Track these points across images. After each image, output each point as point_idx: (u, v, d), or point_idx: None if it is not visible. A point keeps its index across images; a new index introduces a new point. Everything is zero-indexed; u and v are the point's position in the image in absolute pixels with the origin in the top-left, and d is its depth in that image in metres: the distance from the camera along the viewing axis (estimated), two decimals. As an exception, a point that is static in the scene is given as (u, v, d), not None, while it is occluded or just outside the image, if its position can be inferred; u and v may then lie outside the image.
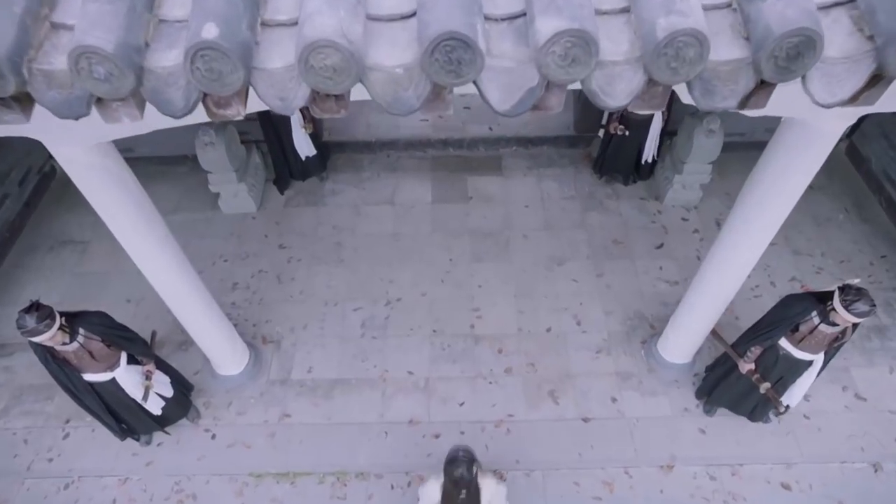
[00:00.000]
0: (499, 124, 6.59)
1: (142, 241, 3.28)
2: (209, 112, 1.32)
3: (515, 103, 1.26)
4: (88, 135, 2.57)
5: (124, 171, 3.00)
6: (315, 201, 6.00)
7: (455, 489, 2.96)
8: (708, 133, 5.05)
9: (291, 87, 1.23)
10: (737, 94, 1.25)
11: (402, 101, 1.26)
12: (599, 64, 1.18)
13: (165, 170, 6.22)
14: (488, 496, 3.12)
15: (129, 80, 1.16)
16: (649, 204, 5.87)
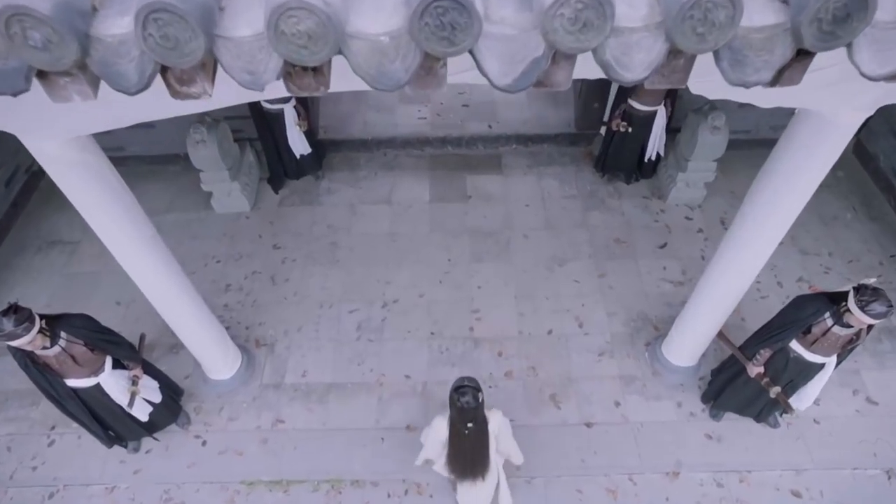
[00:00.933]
0: (498, 122, 6.48)
1: (127, 241, 3.14)
2: (171, 90, 1.18)
3: (518, 77, 1.12)
4: (64, 127, 2.44)
5: (105, 168, 2.86)
6: (310, 200, 5.86)
7: (461, 420, 2.93)
8: (713, 130, 4.92)
9: (261, 58, 1.08)
10: (771, 65, 1.11)
11: (388, 74, 1.12)
12: (615, 31, 1.04)
13: (157, 169, 6.08)
14: (495, 428, 3.12)
15: (72, 49, 1.01)
16: (652, 203, 5.74)
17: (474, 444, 3.11)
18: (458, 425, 2.99)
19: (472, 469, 3.25)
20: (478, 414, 2.95)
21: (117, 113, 2.47)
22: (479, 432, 3.04)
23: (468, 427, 2.97)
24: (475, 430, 3.01)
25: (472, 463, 3.22)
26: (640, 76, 1.10)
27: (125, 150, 5.97)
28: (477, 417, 2.96)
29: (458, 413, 2.92)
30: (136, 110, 2.51)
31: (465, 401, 2.86)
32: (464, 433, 3.00)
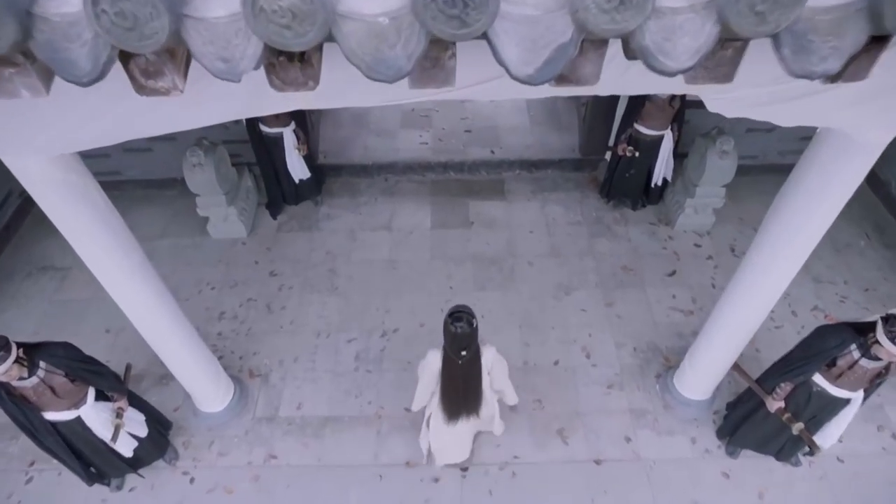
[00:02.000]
0: (501, 147, 6.39)
1: (114, 267, 2.98)
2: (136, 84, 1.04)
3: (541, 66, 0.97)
4: (47, 145, 2.30)
5: (92, 188, 2.72)
6: (309, 226, 5.72)
7: (456, 348, 2.94)
8: (721, 154, 4.81)
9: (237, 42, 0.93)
10: (840, 53, 0.96)
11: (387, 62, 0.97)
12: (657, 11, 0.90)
13: (153, 193, 5.96)
14: (488, 362, 3.17)
15: (10, 30, 0.86)
16: (660, 229, 5.59)
17: (467, 374, 3.11)
18: (452, 354, 2.99)
19: (465, 403, 3.28)
20: (472, 342, 2.95)
21: (105, 129, 2.34)
22: (472, 362, 3.06)
23: (462, 356, 2.97)
24: (468, 360, 3.01)
25: (464, 396, 3.23)
26: (684, 65, 0.96)
27: (121, 175, 5.87)
28: (471, 345, 2.97)
29: (453, 340, 2.91)
30: (125, 126, 2.38)
31: (459, 326, 2.85)
32: (457, 363, 3.00)
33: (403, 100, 2.28)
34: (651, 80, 2.30)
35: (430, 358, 3.17)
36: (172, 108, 2.29)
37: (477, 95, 2.25)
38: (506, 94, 2.33)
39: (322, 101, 2.26)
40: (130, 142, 5.63)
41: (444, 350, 3.05)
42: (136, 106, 2.31)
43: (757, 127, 5.58)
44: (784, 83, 2.26)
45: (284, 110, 2.40)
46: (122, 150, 5.62)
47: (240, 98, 2.26)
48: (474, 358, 3.06)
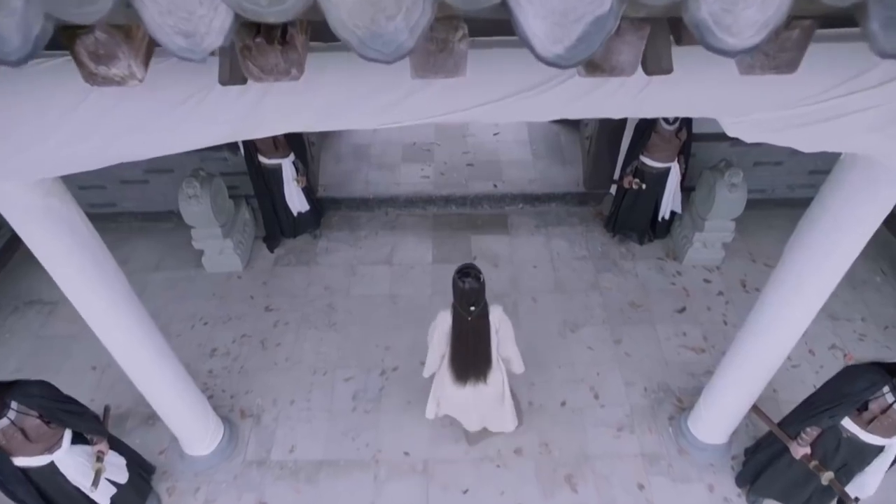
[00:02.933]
0: (503, 181, 6.29)
1: (96, 299, 2.82)
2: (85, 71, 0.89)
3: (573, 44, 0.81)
4: (25, 168, 2.17)
5: (75, 216, 2.58)
6: (307, 260, 5.57)
7: (465, 303, 3.05)
8: (731, 187, 4.69)
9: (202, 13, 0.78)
10: None
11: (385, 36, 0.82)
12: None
13: (149, 226, 5.83)
14: (496, 321, 3.27)
15: None
16: (668, 264, 5.43)
17: (477, 330, 3.19)
18: (461, 311, 3.10)
19: (474, 363, 3.35)
20: (480, 297, 3.06)
21: (87, 153, 2.21)
22: (481, 318, 3.16)
23: (471, 311, 3.07)
24: (477, 316, 3.11)
25: (474, 353, 3.31)
26: (746, 42, 0.81)
27: (117, 207, 5.75)
28: (479, 301, 3.06)
29: (462, 295, 3.03)
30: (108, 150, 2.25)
31: (468, 281, 2.99)
32: (466, 319, 3.10)
33: (403, 121, 2.16)
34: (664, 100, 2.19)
35: (441, 318, 3.28)
36: (158, 130, 2.17)
37: (483, 117, 2.14)
38: (514, 115, 2.22)
39: (318, 123, 2.15)
40: (127, 173, 5.56)
41: (454, 307, 3.16)
42: (119, 128, 2.19)
43: (765, 160, 5.49)
44: (809, 105, 2.14)
45: (278, 132, 2.27)
46: (119, 182, 5.53)
47: (230, 120, 2.14)
48: (483, 314, 3.16)
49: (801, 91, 2.06)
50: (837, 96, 2.06)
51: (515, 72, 1.99)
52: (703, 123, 4.94)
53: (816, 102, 2.10)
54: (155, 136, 2.17)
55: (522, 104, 2.06)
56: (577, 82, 2.01)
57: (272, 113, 2.09)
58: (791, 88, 2.06)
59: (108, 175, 5.46)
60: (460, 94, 2.06)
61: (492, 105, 2.06)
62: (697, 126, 4.90)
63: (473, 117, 2.14)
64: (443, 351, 3.44)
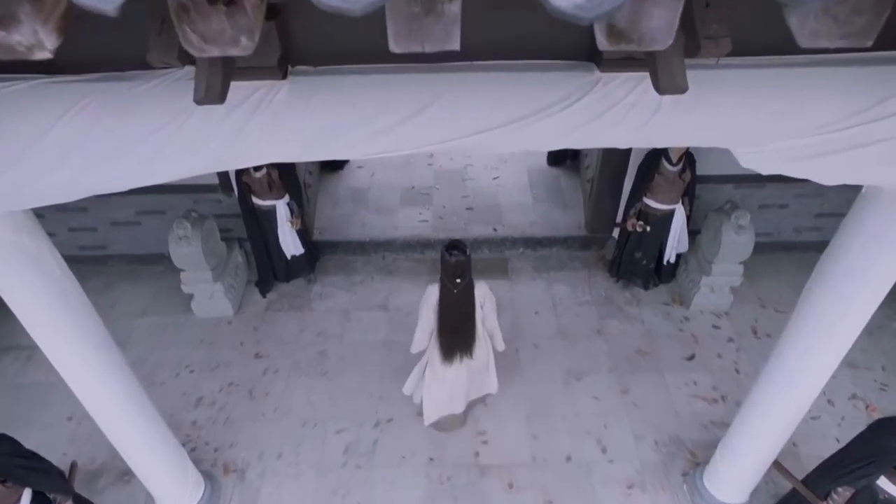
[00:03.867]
0: (503, 225, 6.16)
1: (65, 344, 2.63)
2: None
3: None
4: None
5: (46, 254, 2.41)
6: (300, 305, 5.38)
7: (451, 276, 3.27)
8: (738, 229, 4.54)
9: None
10: None
11: None
12: None
13: (139, 269, 5.66)
14: (481, 296, 3.51)
15: None
16: (674, 310, 5.24)
17: (462, 302, 3.42)
18: (448, 283, 3.32)
19: (460, 337, 3.56)
20: (466, 271, 3.30)
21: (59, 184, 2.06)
22: (466, 291, 3.39)
23: (457, 283, 3.30)
24: (463, 288, 3.34)
25: (460, 326, 3.51)
26: None
27: (107, 249, 5.60)
28: (465, 274, 3.30)
29: (449, 268, 3.25)
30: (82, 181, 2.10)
31: (454, 254, 3.22)
32: (453, 292, 3.34)
33: (397, 150, 2.03)
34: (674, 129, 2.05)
35: (429, 291, 3.49)
36: (135, 160, 2.03)
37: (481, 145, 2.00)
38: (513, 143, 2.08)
39: (306, 151, 2.01)
40: (118, 214, 5.42)
41: (441, 281, 3.38)
42: (92, 158, 2.05)
43: (770, 203, 5.37)
44: (827, 133, 2.00)
45: (264, 162, 2.14)
46: (110, 224, 5.40)
47: (212, 148, 2.00)
48: (468, 287, 3.40)
49: (819, 118, 1.93)
50: (858, 124, 1.93)
51: (516, 97, 1.87)
52: (707, 164, 4.86)
53: (836, 130, 1.97)
54: (131, 166, 2.03)
55: (522, 132, 1.93)
56: (581, 108, 1.89)
57: (257, 140, 1.96)
58: (808, 115, 1.94)
59: (99, 216, 5.34)
60: (457, 120, 1.93)
61: (490, 133, 1.93)
62: (701, 167, 4.80)
63: (471, 146, 2.00)
64: (431, 326, 3.61)
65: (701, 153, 4.75)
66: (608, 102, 1.85)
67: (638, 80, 1.82)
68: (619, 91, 1.84)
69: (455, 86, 1.85)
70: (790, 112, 1.95)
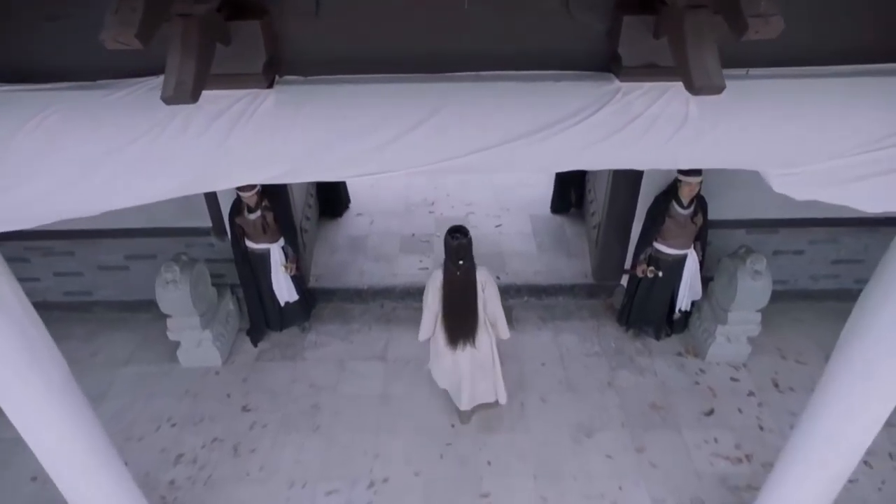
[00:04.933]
0: (507, 273, 5.94)
1: (26, 397, 2.36)
2: None
3: None
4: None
5: (7, 292, 2.18)
6: (293, 355, 5.09)
7: (454, 259, 3.49)
8: (754, 275, 4.32)
9: None
10: None
11: None
12: None
13: (126, 317, 5.41)
14: (482, 279, 3.67)
15: None
16: (689, 361, 4.94)
17: (464, 284, 3.60)
18: (451, 265, 3.54)
19: (463, 320, 3.71)
20: (468, 253, 3.52)
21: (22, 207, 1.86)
22: (468, 273, 3.59)
23: (459, 265, 3.52)
24: (465, 270, 3.55)
25: (462, 309, 3.67)
26: None
27: (93, 295, 5.37)
28: (466, 256, 3.52)
29: (452, 251, 3.48)
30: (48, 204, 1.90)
31: (457, 237, 3.46)
32: (456, 273, 3.55)
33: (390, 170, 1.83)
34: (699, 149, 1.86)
35: (434, 275, 3.70)
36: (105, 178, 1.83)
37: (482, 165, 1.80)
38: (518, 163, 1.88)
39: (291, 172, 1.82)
40: (106, 259, 5.20)
41: (445, 264, 3.61)
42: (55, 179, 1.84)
43: (784, 249, 5.16)
44: (868, 152, 1.82)
45: (243, 183, 1.94)
46: (97, 268, 5.19)
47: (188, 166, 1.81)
48: (470, 269, 3.60)
49: (864, 135, 1.73)
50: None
51: (525, 109, 1.69)
52: (718, 208, 4.68)
53: (877, 149, 1.78)
54: (103, 184, 1.82)
55: (532, 149, 1.74)
56: (598, 122, 1.70)
57: (239, 157, 1.76)
58: (851, 132, 1.73)
59: (86, 260, 5.14)
60: (460, 135, 1.73)
61: (497, 150, 1.74)
62: (712, 212, 4.62)
63: (471, 166, 1.80)
64: (436, 310, 3.78)
65: (712, 195, 4.59)
66: (628, 115, 1.68)
67: (661, 90, 1.66)
68: (641, 102, 1.66)
69: (458, 97, 1.67)
70: (831, 128, 1.76)
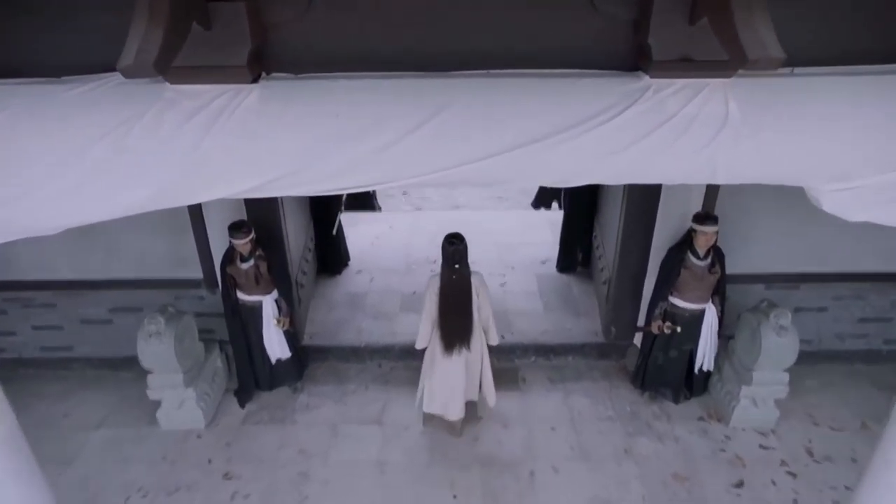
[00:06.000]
0: (512, 333, 5.63)
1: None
2: None
3: None
4: None
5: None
6: (282, 417, 4.71)
7: (451, 263, 3.86)
8: (779, 330, 4.04)
9: None
10: None
11: None
12: None
13: (106, 375, 5.07)
14: (477, 283, 3.99)
15: None
16: (712, 427, 4.55)
17: (460, 287, 3.89)
18: (448, 270, 3.86)
19: (459, 323, 3.97)
20: (463, 257, 3.85)
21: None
22: (463, 275, 3.88)
23: (455, 269, 3.83)
24: (460, 273, 3.86)
25: (458, 311, 3.94)
26: None
27: (73, 351, 5.05)
28: (462, 260, 3.85)
29: (449, 256, 3.82)
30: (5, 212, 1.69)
31: (454, 242, 3.80)
32: (451, 277, 3.85)
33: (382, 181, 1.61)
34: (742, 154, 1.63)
35: (433, 280, 4.01)
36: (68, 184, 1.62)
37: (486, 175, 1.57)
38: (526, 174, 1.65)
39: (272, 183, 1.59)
40: (89, 311, 4.92)
41: (442, 268, 3.91)
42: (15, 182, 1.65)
43: (806, 305, 4.88)
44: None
45: (224, 195, 1.71)
46: (79, 322, 4.91)
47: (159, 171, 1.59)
48: (465, 272, 3.90)
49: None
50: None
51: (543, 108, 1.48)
52: (735, 262, 4.45)
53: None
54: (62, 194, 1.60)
55: (546, 156, 1.52)
56: (626, 122, 1.49)
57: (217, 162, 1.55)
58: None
59: (67, 313, 4.87)
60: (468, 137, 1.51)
61: (506, 156, 1.50)
62: (729, 265, 4.38)
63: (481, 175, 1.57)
64: (434, 317, 4.04)
65: (728, 248, 4.36)
66: (660, 116, 1.48)
67: (697, 87, 1.46)
68: (674, 101, 1.46)
69: (465, 94, 1.47)
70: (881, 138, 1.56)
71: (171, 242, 4.58)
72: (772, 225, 4.55)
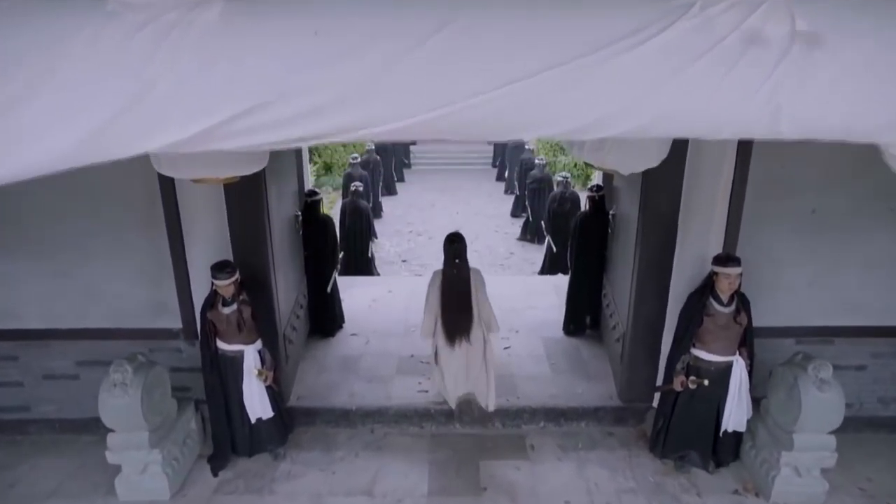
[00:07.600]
0: (518, 397, 5.15)
1: None
2: None
3: None
4: None
5: None
6: (259, 488, 4.15)
7: (451, 258, 4.17)
8: (820, 384, 3.60)
9: None
10: None
11: None
12: None
13: (66, 439, 4.56)
14: (474, 278, 4.24)
15: None
16: (749, 501, 3.99)
17: (460, 279, 4.19)
18: (448, 266, 4.20)
19: (459, 315, 4.23)
20: (463, 253, 4.21)
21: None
22: (462, 269, 4.20)
23: (455, 264, 4.18)
24: (459, 266, 4.19)
25: (458, 303, 4.21)
26: None
27: (30, 412, 4.56)
28: (462, 255, 4.20)
29: (449, 252, 4.18)
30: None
31: (455, 244, 4.17)
32: (452, 270, 4.19)
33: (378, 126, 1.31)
34: (807, 92, 1.26)
35: (435, 275, 4.27)
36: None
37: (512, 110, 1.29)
38: (559, 111, 1.37)
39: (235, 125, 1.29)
40: (53, 365, 4.45)
41: (444, 264, 4.21)
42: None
43: (843, 363, 4.41)
44: None
45: (171, 141, 1.39)
46: (41, 377, 4.46)
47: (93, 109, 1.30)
48: (464, 267, 4.18)
49: None
50: None
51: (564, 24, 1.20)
52: (762, 314, 4.08)
53: None
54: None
55: (566, 90, 1.22)
56: (660, 48, 1.20)
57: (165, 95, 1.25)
58: None
59: (30, 367, 4.44)
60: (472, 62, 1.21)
61: (519, 86, 1.20)
62: (756, 317, 4.00)
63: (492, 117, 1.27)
64: (436, 311, 4.26)
65: (753, 298, 4.00)
66: (708, 38, 1.20)
67: (754, 2, 1.19)
68: (726, 19, 1.19)
69: (473, 6, 1.21)
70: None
71: (151, 285, 4.24)
72: (797, 271, 4.22)
